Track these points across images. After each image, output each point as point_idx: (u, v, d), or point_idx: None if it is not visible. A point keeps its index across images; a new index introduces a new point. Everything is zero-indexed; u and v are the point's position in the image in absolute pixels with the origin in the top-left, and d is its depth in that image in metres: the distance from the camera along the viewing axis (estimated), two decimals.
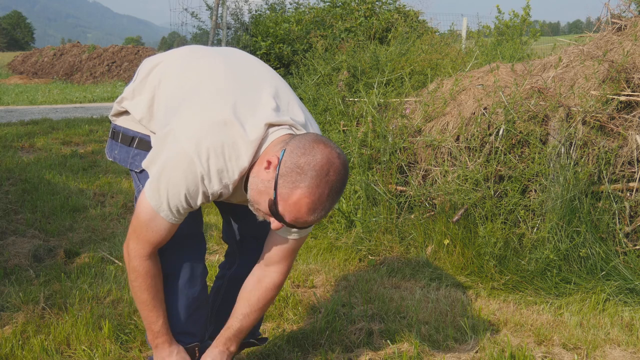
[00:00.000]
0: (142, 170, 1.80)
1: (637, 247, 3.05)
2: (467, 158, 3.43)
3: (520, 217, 3.22)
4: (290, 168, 1.50)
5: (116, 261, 3.22)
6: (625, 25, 3.74)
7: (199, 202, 1.60)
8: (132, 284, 1.73)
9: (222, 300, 2.05)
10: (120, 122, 1.85)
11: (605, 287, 2.89)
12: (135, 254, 1.68)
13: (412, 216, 3.57)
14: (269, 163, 1.54)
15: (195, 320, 1.87)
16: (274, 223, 1.56)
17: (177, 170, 1.55)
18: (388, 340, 2.37)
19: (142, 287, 1.72)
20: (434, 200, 3.54)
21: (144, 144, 1.79)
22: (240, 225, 1.99)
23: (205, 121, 1.57)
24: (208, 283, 1.99)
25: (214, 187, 1.57)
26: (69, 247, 3.43)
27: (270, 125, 1.60)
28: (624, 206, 3.11)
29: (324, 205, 1.51)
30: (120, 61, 22.22)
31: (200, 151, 1.53)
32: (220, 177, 1.56)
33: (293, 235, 1.78)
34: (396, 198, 3.68)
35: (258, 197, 1.57)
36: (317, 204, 1.50)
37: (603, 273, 2.96)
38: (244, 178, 1.62)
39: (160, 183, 1.58)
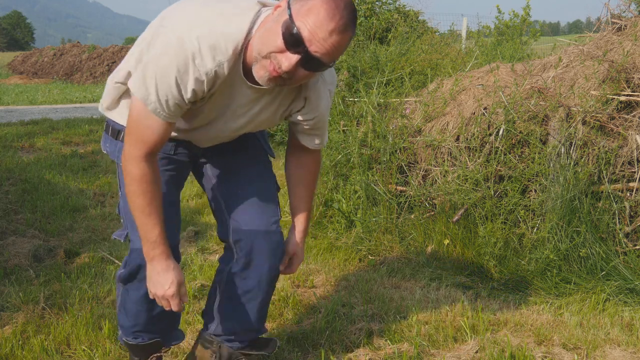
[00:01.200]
0: None
1: (637, 247, 3.05)
2: (467, 158, 3.43)
3: (520, 217, 3.22)
4: None
5: (116, 261, 3.22)
6: (625, 25, 3.74)
7: (189, 87, 1.51)
8: (127, 189, 1.64)
9: (224, 296, 2.01)
10: (111, 115, 1.83)
11: (605, 287, 2.89)
12: (130, 156, 1.61)
13: (412, 216, 3.57)
14: (277, 7, 1.52)
15: (160, 317, 1.88)
16: (287, 59, 1.47)
17: (166, 52, 1.48)
18: (388, 340, 2.37)
19: (137, 191, 1.62)
20: (434, 200, 3.54)
21: None
22: (230, 201, 1.94)
23: (194, 11, 1.55)
24: (206, 283, 1.99)
25: (207, 66, 1.50)
26: (69, 247, 3.43)
27: (262, 5, 1.60)
28: (624, 206, 3.11)
29: (342, 15, 1.43)
30: (121, 61, 22.21)
31: (191, 29, 1.49)
32: (213, 54, 1.50)
33: (313, 138, 1.85)
34: (396, 198, 3.68)
35: (267, 38, 1.49)
36: (335, 11, 1.43)
37: (603, 273, 2.96)
38: (241, 59, 1.57)
39: (147, 70, 1.52)
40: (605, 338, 2.45)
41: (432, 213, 3.51)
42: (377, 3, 8.78)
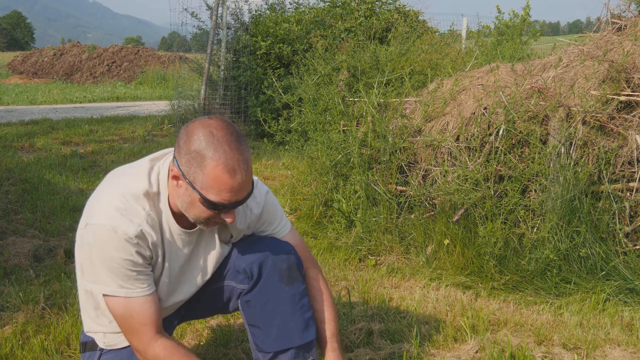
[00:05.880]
0: None
1: (637, 247, 3.05)
2: (467, 158, 3.43)
3: (520, 217, 3.22)
4: (188, 161, 1.51)
5: None
6: (625, 25, 3.74)
7: (133, 252, 1.55)
8: None
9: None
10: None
11: (605, 287, 2.89)
12: (143, 346, 1.60)
13: (412, 216, 3.57)
14: (175, 177, 1.57)
15: None
16: (226, 216, 1.56)
17: (95, 245, 1.54)
18: (388, 340, 2.37)
19: None
20: (434, 200, 3.54)
21: (92, 345, 1.79)
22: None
23: (99, 199, 1.63)
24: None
25: (130, 230, 1.54)
26: (69, 247, 3.43)
27: (153, 160, 1.66)
28: (624, 206, 3.11)
29: (237, 159, 1.48)
30: (120, 61, 22.22)
31: (101, 217, 1.56)
32: (129, 217, 1.55)
33: (275, 231, 1.87)
34: (396, 198, 3.67)
35: (194, 208, 1.56)
36: (231, 163, 1.48)
37: (603, 273, 2.96)
38: (164, 215, 1.63)
39: (94, 269, 1.56)
40: (605, 338, 2.44)
41: (432, 213, 3.51)
42: (377, 3, 8.78)
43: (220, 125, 1.51)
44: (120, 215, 1.54)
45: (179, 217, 1.66)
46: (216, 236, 1.78)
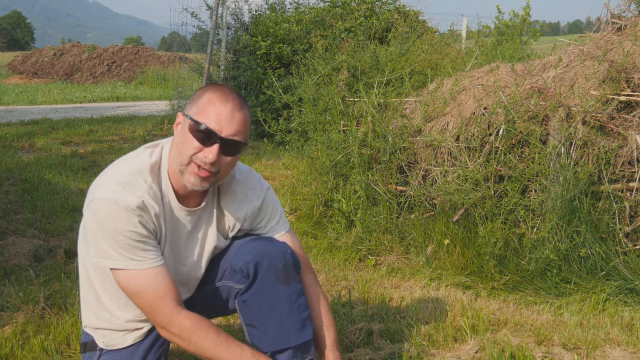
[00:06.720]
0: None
1: (637, 247, 3.05)
2: (467, 158, 3.43)
3: (520, 217, 3.22)
4: (191, 100, 1.65)
5: None
6: (625, 25, 3.74)
7: (136, 222, 1.56)
8: (191, 347, 1.60)
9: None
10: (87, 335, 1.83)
11: (605, 287, 2.89)
12: (168, 319, 1.59)
13: (412, 216, 3.57)
14: (177, 124, 1.67)
15: None
16: (209, 152, 1.57)
17: (99, 219, 1.55)
18: (388, 340, 2.37)
19: (202, 335, 1.60)
20: (434, 200, 3.54)
21: (92, 345, 1.79)
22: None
23: (101, 179, 1.66)
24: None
25: (132, 201, 1.55)
26: (69, 247, 3.43)
27: (150, 145, 1.73)
28: (624, 206, 3.11)
29: (233, 97, 1.61)
30: (120, 61, 22.22)
31: (105, 190, 1.58)
32: (130, 190, 1.57)
33: (272, 229, 1.87)
34: (396, 198, 3.67)
35: (182, 148, 1.60)
36: (225, 95, 1.60)
37: (603, 273, 2.96)
38: (165, 190, 1.66)
39: (99, 244, 1.56)
40: (605, 338, 2.44)
41: (432, 213, 3.51)
42: (377, 3, 8.78)
43: (229, 85, 1.66)
44: (121, 189, 1.56)
45: (182, 198, 1.70)
46: (214, 224, 1.79)
